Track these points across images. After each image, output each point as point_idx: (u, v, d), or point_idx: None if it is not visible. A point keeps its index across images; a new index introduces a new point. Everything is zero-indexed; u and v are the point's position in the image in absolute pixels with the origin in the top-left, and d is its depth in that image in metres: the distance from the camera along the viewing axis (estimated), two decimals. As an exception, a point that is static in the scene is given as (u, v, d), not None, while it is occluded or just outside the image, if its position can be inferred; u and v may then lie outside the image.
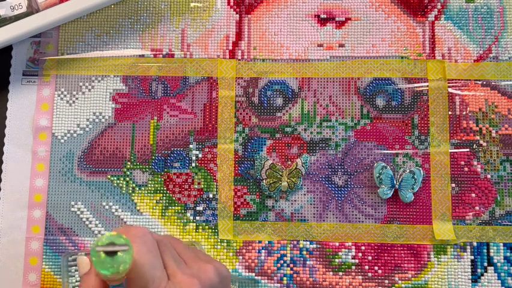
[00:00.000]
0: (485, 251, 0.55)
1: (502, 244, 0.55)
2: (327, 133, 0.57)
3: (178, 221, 0.56)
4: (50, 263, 0.55)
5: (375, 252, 0.55)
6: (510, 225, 0.55)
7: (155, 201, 0.56)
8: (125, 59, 0.59)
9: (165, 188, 0.57)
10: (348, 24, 0.59)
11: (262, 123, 0.57)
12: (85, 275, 0.40)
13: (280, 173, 0.56)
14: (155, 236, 0.41)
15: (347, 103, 0.58)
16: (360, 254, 0.55)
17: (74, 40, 0.59)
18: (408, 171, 0.55)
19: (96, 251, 0.36)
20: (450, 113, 0.57)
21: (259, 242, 0.56)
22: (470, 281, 0.54)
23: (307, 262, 0.55)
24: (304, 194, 0.56)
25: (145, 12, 0.60)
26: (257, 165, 0.56)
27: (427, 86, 0.58)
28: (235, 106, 0.58)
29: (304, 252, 0.55)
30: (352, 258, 0.55)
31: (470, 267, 0.55)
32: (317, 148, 0.57)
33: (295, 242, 0.56)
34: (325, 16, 0.59)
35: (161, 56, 0.59)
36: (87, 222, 0.56)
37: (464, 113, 0.57)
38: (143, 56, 0.59)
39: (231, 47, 0.59)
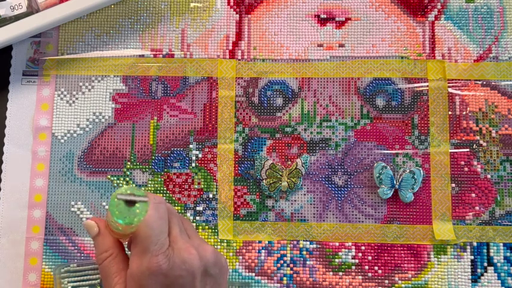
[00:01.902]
0: (485, 251, 0.55)
1: (502, 244, 0.55)
2: (327, 133, 0.57)
3: (178, 221, 0.56)
4: (50, 263, 0.55)
5: (375, 252, 0.55)
6: (510, 225, 0.55)
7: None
8: (125, 59, 0.59)
9: (165, 188, 0.57)
10: (348, 24, 0.59)
11: (262, 123, 0.57)
12: (96, 237, 0.43)
13: (280, 173, 0.56)
14: (168, 206, 0.43)
15: (347, 103, 0.58)
16: (360, 254, 0.55)
17: (74, 40, 0.59)
18: (408, 171, 0.55)
19: (117, 198, 0.38)
20: (450, 113, 0.57)
21: (259, 242, 0.56)
22: (470, 281, 0.54)
23: (307, 262, 0.55)
24: (304, 194, 0.56)
25: (145, 12, 0.60)
26: (257, 165, 0.56)
27: (427, 86, 0.58)
28: (235, 106, 0.58)
29: (304, 252, 0.55)
30: (352, 258, 0.55)
31: (470, 267, 0.55)
32: (317, 148, 0.57)
33: (295, 242, 0.56)
34: (325, 16, 0.59)
35: (161, 56, 0.59)
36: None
37: (464, 113, 0.57)
38: (143, 56, 0.59)
39: (231, 47, 0.59)
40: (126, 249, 0.44)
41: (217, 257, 0.43)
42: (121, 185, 0.57)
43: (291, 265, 0.55)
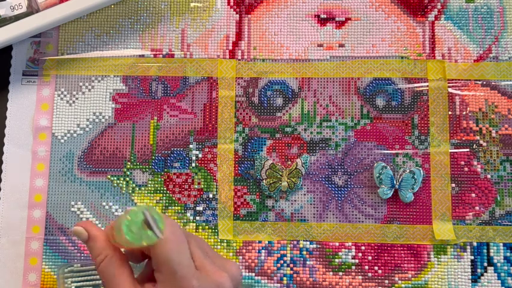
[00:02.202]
0: (485, 251, 0.55)
1: (502, 244, 0.55)
2: (327, 133, 0.57)
3: (178, 221, 0.56)
4: (50, 263, 0.55)
5: (375, 252, 0.55)
6: (510, 225, 0.55)
7: (155, 201, 0.56)
8: (125, 59, 0.59)
9: (165, 188, 0.57)
10: (348, 24, 0.59)
11: (262, 123, 0.57)
12: (88, 242, 0.42)
13: (280, 173, 0.56)
14: (184, 230, 0.42)
15: (347, 103, 0.58)
16: (360, 254, 0.55)
17: (74, 40, 0.59)
18: (408, 171, 0.55)
19: (143, 212, 0.37)
20: (450, 113, 0.57)
21: (259, 242, 0.56)
22: (470, 281, 0.54)
23: (307, 262, 0.55)
24: (304, 194, 0.56)
25: (145, 12, 0.60)
26: (257, 165, 0.56)
27: (427, 86, 0.58)
28: (235, 106, 0.58)
29: (304, 252, 0.55)
30: (352, 258, 0.55)
31: (470, 267, 0.55)
32: (317, 148, 0.57)
33: (295, 242, 0.56)
34: (325, 16, 0.59)
35: (161, 56, 0.59)
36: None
37: (464, 113, 0.57)
38: (143, 56, 0.59)
39: (231, 47, 0.59)
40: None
41: (239, 272, 0.43)
42: (121, 185, 0.57)
43: (291, 265, 0.55)
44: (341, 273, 0.55)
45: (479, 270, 0.55)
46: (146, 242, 0.37)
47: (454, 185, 0.56)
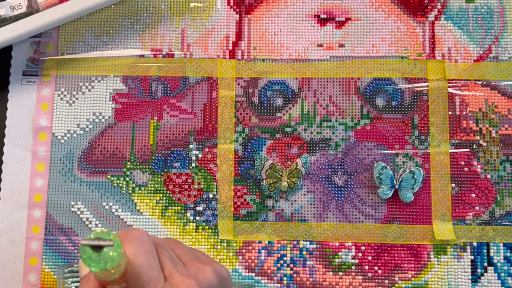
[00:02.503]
0: (485, 251, 0.55)
1: (502, 244, 0.55)
2: (327, 133, 0.57)
3: (178, 221, 0.56)
4: (50, 263, 0.55)
5: (375, 252, 0.55)
6: (510, 225, 0.55)
7: (155, 201, 0.56)
8: (125, 59, 0.59)
9: (165, 188, 0.57)
10: (348, 24, 0.59)
11: (262, 123, 0.57)
12: (83, 278, 0.40)
13: (280, 173, 0.56)
14: (153, 239, 0.41)
15: (347, 103, 0.58)
16: (360, 254, 0.55)
17: (74, 40, 0.59)
18: (408, 171, 0.55)
19: (82, 244, 0.35)
20: (450, 113, 0.57)
21: (259, 242, 0.56)
22: (470, 281, 0.54)
23: (307, 262, 0.55)
24: (304, 194, 0.56)
25: (145, 12, 0.60)
26: (257, 165, 0.56)
27: (427, 86, 0.58)
28: (235, 106, 0.58)
29: (304, 252, 0.55)
30: (352, 258, 0.55)
31: (470, 267, 0.55)
32: (317, 148, 0.57)
33: (295, 242, 0.56)
34: (325, 16, 0.59)
35: (161, 56, 0.59)
36: (87, 222, 0.56)
37: (464, 113, 0.57)
38: (143, 56, 0.59)
39: (231, 47, 0.59)
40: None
41: (218, 274, 0.41)
42: (121, 185, 0.57)
43: (291, 265, 0.55)
44: (341, 273, 0.55)
45: (479, 270, 0.55)
46: (111, 263, 0.35)
47: (454, 185, 0.56)
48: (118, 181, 0.57)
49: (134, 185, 0.57)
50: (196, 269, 0.41)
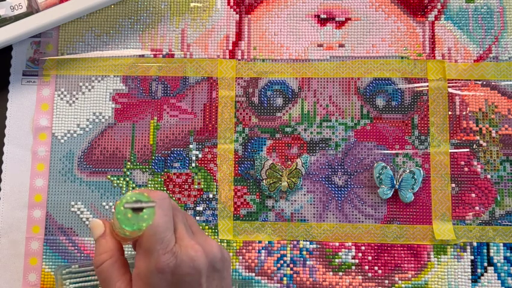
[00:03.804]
0: (485, 251, 0.55)
1: (502, 244, 0.55)
2: (327, 133, 0.57)
3: (178, 221, 0.56)
4: (50, 263, 0.55)
5: (375, 252, 0.55)
6: (510, 225, 0.55)
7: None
8: (125, 59, 0.59)
9: (165, 188, 0.57)
10: (348, 24, 0.59)
11: (262, 123, 0.57)
12: (99, 237, 0.43)
13: (280, 173, 0.56)
14: (173, 202, 0.43)
15: (347, 103, 0.58)
16: (360, 254, 0.55)
17: (74, 40, 0.59)
18: (408, 171, 0.55)
19: (124, 207, 0.37)
20: (450, 113, 0.57)
21: (259, 242, 0.56)
22: (470, 281, 0.54)
23: (307, 262, 0.55)
24: (304, 194, 0.56)
25: (145, 12, 0.60)
26: (257, 165, 0.56)
27: (427, 86, 0.58)
28: (235, 106, 0.58)
29: (304, 252, 0.55)
30: (352, 258, 0.55)
31: (470, 267, 0.55)
32: (317, 148, 0.57)
33: (295, 242, 0.56)
34: (325, 16, 0.59)
35: (161, 56, 0.59)
36: (87, 222, 0.56)
37: (464, 113, 0.57)
38: (143, 56, 0.59)
39: (231, 47, 0.59)
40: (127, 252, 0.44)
41: (222, 251, 0.43)
42: (121, 185, 0.57)
43: (291, 265, 0.55)
44: (341, 273, 0.55)
45: (479, 270, 0.55)
46: (146, 223, 0.38)
47: (454, 185, 0.56)
48: (118, 181, 0.57)
49: (134, 185, 0.57)
50: (204, 240, 0.42)
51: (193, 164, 0.57)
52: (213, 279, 0.42)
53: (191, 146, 0.57)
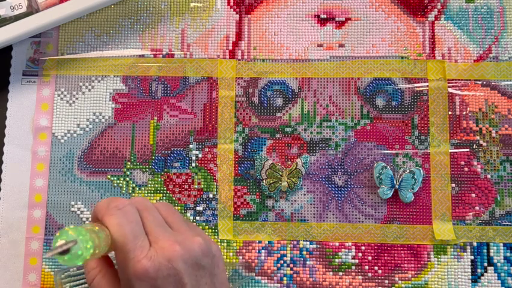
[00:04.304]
0: (485, 251, 0.55)
1: (502, 244, 0.55)
2: (327, 133, 0.57)
3: (178, 221, 0.56)
4: (50, 263, 0.55)
5: (375, 252, 0.55)
6: (510, 225, 0.55)
7: (155, 201, 0.56)
8: (125, 59, 0.59)
9: (165, 188, 0.57)
10: (348, 24, 0.59)
11: (262, 123, 0.57)
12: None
13: (280, 173, 0.56)
14: (139, 204, 0.40)
15: (347, 103, 0.58)
16: (360, 254, 0.55)
17: (74, 40, 0.59)
18: (408, 171, 0.55)
19: (48, 258, 0.36)
20: (450, 113, 0.57)
21: (259, 242, 0.56)
22: (470, 281, 0.54)
23: (307, 262, 0.55)
24: (304, 194, 0.56)
25: (145, 12, 0.60)
26: (257, 165, 0.56)
27: (427, 86, 0.58)
28: (235, 106, 0.58)
29: (304, 252, 0.55)
30: (352, 258, 0.55)
31: (470, 267, 0.55)
32: (317, 148, 0.57)
33: (295, 242, 0.56)
34: (325, 16, 0.59)
35: (161, 56, 0.59)
36: (87, 222, 0.56)
37: (464, 113, 0.57)
38: (143, 56, 0.59)
39: (231, 47, 0.59)
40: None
41: (207, 246, 0.40)
42: (121, 185, 0.57)
43: (291, 265, 0.55)
44: (341, 273, 0.55)
45: (479, 270, 0.55)
46: (82, 258, 0.36)
47: (454, 185, 0.56)
48: (118, 181, 0.57)
49: (134, 185, 0.57)
50: (184, 237, 0.40)
51: (193, 164, 0.57)
52: (201, 277, 0.40)
53: (191, 146, 0.57)
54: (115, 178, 0.57)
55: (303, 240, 0.55)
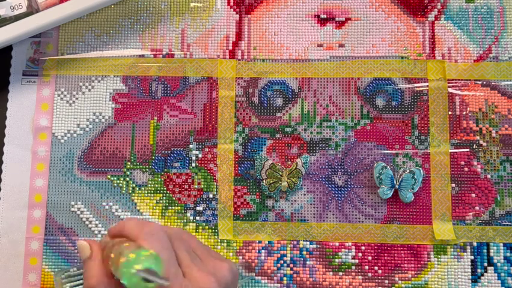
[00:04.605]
0: (485, 251, 0.55)
1: (502, 244, 0.55)
2: (327, 133, 0.57)
3: (178, 221, 0.56)
4: (50, 263, 0.55)
5: (375, 252, 0.55)
6: (510, 225, 0.55)
7: (155, 201, 0.56)
8: (125, 59, 0.59)
9: (165, 188, 0.57)
10: (348, 24, 0.59)
11: (262, 123, 0.57)
12: (87, 260, 0.40)
13: (280, 173, 0.56)
14: (168, 231, 0.40)
15: (347, 103, 0.58)
16: (360, 254, 0.55)
17: (74, 40, 0.59)
18: (408, 171, 0.55)
19: (135, 272, 0.35)
20: (450, 113, 0.57)
21: (259, 242, 0.56)
22: (470, 281, 0.54)
23: (307, 262, 0.55)
24: (304, 194, 0.56)
25: (145, 12, 0.60)
26: (257, 165, 0.56)
27: (427, 86, 0.58)
28: (235, 106, 0.58)
29: (304, 252, 0.55)
30: (352, 258, 0.55)
31: (470, 267, 0.55)
32: (317, 148, 0.57)
33: (295, 242, 0.56)
34: (325, 16, 0.59)
35: (161, 56, 0.59)
36: (87, 222, 0.56)
37: (464, 113, 0.57)
38: (143, 56, 0.59)
39: (231, 47, 0.59)
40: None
41: (232, 271, 0.41)
42: (121, 185, 0.57)
43: (291, 265, 0.55)
44: (341, 273, 0.55)
45: (479, 270, 0.55)
46: None
47: (454, 185, 0.56)
48: (118, 181, 0.57)
49: (134, 185, 0.57)
50: (213, 265, 0.40)
51: (193, 164, 0.57)
52: None
53: (191, 146, 0.57)
54: (115, 178, 0.57)
55: (303, 240, 0.55)
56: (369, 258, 0.55)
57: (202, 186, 0.56)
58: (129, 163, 0.57)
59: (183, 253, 0.39)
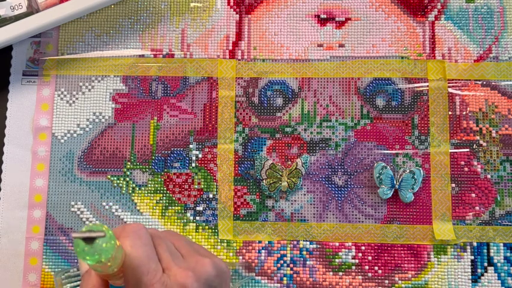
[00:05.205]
0: (485, 251, 0.55)
1: (502, 244, 0.55)
2: (327, 133, 0.57)
3: (178, 221, 0.56)
4: (50, 263, 0.55)
5: (375, 252, 0.55)
6: (510, 225, 0.55)
7: (155, 201, 0.56)
8: (125, 59, 0.59)
9: (165, 188, 0.57)
10: (348, 24, 0.59)
11: (262, 123, 0.57)
12: (85, 274, 0.40)
13: (280, 173, 0.56)
14: (151, 231, 0.41)
15: (347, 103, 0.58)
16: (360, 254, 0.55)
17: (74, 40, 0.59)
18: (408, 171, 0.55)
19: (74, 237, 0.35)
20: (450, 113, 0.57)
21: (259, 242, 0.56)
22: (470, 281, 0.54)
23: (307, 262, 0.55)
24: (304, 194, 0.56)
25: (145, 12, 0.60)
26: (257, 165, 0.56)
27: (427, 86, 0.58)
28: (235, 106, 0.58)
29: (304, 252, 0.55)
30: (352, 258, 0.55)
31: (470, 267, 0.55)
32: (317, 148, 0.57)
33: (295, 242, 0.56)
34: (325, 16, 0.59)
35: (161, 56, 0.59)
36: (87, 222, 0.56)
37: (464, 113, 0.57)
38: (143, 56, 0.59)
39: (231, 47, 0.59)
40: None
41: (217, 267, 0.41)
42: (121, 185, 0.57)
43: (291, 265, 0.55)
44: (341, 273, 0.55)
45: (479, 270, 0.55)
46: (105, 255, 0.35)
47: (454, 185, 0.56)
48: (118, 181, 0.57)
49: (134, 185, 0.57)
50: (195, 261, 0.41)
51: (193, 164, 0.57)
52: None
53: (191, 146, 0.57)
54: (115, 178, 0.57)
55: (303, 240, 0.55)
56: (369, 258, 0.55)
57: (202, 186, 0.56)
58: (129, 163, 0.57)
59: (164, 251, 0.40)
